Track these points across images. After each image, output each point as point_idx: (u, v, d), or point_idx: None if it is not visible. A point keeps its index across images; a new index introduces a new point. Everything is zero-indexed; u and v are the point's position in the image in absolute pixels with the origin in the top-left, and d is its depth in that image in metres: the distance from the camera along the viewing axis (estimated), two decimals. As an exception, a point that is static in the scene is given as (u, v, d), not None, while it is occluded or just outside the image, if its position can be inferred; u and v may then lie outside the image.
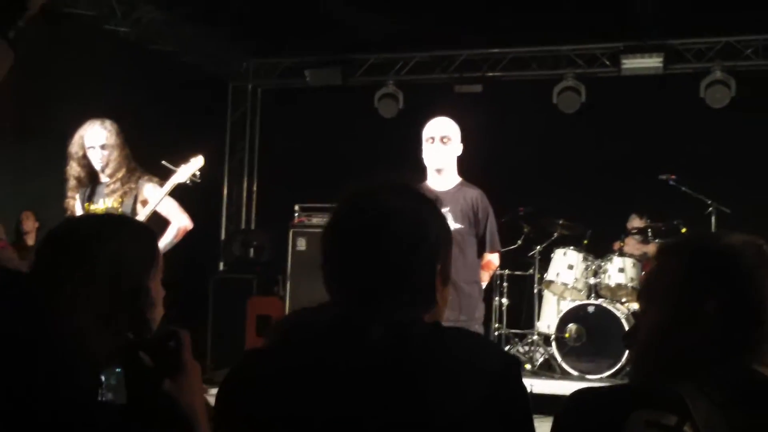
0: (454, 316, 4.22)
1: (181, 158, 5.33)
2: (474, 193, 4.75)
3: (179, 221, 5.27)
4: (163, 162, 5.23)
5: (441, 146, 4.73)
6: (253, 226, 10.62)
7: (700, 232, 1.53)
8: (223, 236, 10.47)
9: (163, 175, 5.25)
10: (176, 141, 7.91)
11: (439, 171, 4.77)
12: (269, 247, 9.68)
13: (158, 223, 5.29)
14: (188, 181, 5.24)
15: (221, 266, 10.14)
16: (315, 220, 8.07)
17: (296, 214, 8.17)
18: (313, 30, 8.88)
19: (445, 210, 4.69)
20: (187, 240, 5.37)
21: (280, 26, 8.89)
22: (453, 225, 4.66)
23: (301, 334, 1.50)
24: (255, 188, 10.73)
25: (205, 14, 8.73)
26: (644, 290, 1.58)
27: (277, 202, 9.52)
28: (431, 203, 1.61)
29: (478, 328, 4.62)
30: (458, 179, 4.83)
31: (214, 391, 1.53)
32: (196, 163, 5.26)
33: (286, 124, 10.16)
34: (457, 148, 4.80)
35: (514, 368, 1.47)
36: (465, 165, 4.87)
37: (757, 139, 8.58)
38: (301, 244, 8.04)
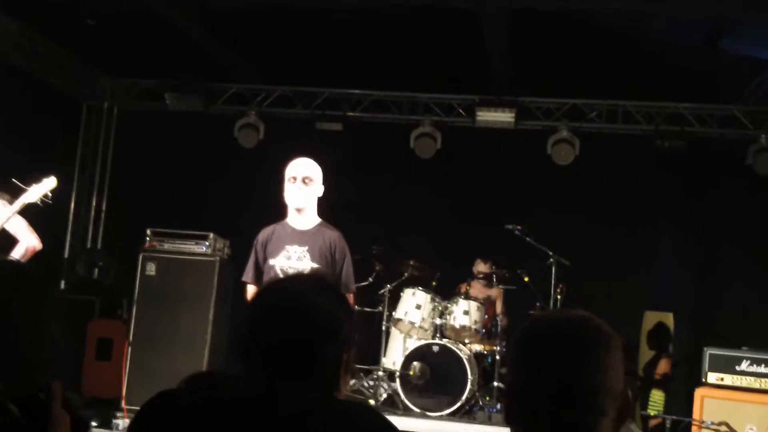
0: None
1: (31, 175, 5.21)
2: (333, 235, 4.86)
3: (28, 241, 5.15)
4: (14, 180, 5.11)
5: (303, 186, 4.83)
6: (99, 246, 10.29)
7: (541, 312, 1.72)
8: (66, 254, 10.10)
9: (13, 193, 5.11)
10: (25, 155, 7.66)
11: (299, 210, 4.87)
12: (115, 268, 9.43)
13: (6, 241, 5.13)
14: (39, 201, 5.15)
15: (62, 285, 9.77)
16: (167, 246, 7.95)
17: (148, 239, 8.01)
18: (175, 55, 8.82)
19: (303, 249, 4.79)
20: (28, 254, 5.23)
21: (141, 48, 8.77)
22: (310, 264, 4.77)
23: (215, 400, 1.61)
24: (104, 207, 10.42)
25: (62, 30, 8.50)
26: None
27: (127, 225, 9.30)
28: (346, 302, 1.85)
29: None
30: (318, 219, 4.94)
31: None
32: (48, 183, 5.19)
33: (143, 147, 9.94)
34: (318, 189, 4.91)
35: None
36: (321, 199, 4.97)
37: (595, 197, 9.15)
38: (151, 269, 7.88)
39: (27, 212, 5.23)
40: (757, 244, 8.91)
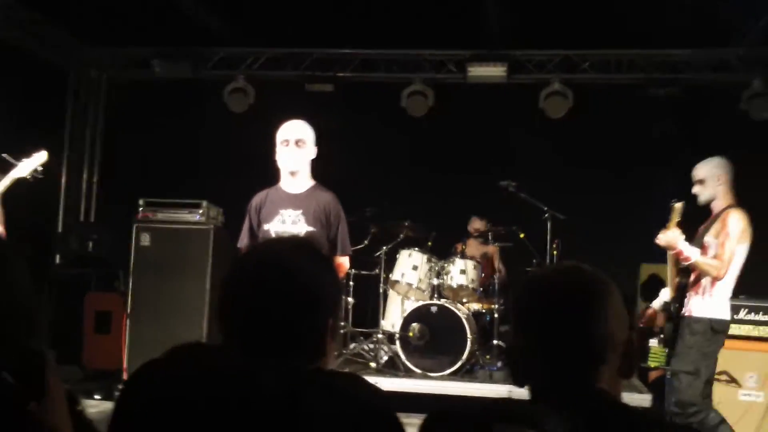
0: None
1: (20, 149, 5.16)
2: (327, 197, 4.82)
3: None
4: (4, 155, 5.05)
5: (295, 149, 4.78)
6: (92, 220, 10.24)
7: (534, 270, 1.70)
8: (60, 229, 10.05)
9: (3, 168, 5.06)
10: (13, 130, 7.57)
11: (293, 174, 4.82)
12: (109, 241, 9.39)
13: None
14: (29, 176, 5.10)
15: (57, 260, 9.74)
16: (160, 216, 7.89)
17: (141, 209, 7.95)
18: (161, 20, 8.68)
19: (297, 212, 4.75)
20: (21, 232, 5.18)
21: (126, 15, 8.63)
22: (305, 228, 4.73)
23: (197, 373, 1.53)
24: (95, 180, 10.35)
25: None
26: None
27: (120, 196, 9.24)
28: (328, 262, 1.75)
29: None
30: (312, 182, 4.90)
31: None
32: (39, 158, 5.14)
33: (133, 116, 9.85)
34: (311, 151, 4.86)
35: (387, 403, 1.60)
36: (314, 162, 4.92)
37: (588, 150, 9.10)
38: (146, 240, 7.84)
39: (18, 187, 5.16)
40: (751, 193, 8.86)
